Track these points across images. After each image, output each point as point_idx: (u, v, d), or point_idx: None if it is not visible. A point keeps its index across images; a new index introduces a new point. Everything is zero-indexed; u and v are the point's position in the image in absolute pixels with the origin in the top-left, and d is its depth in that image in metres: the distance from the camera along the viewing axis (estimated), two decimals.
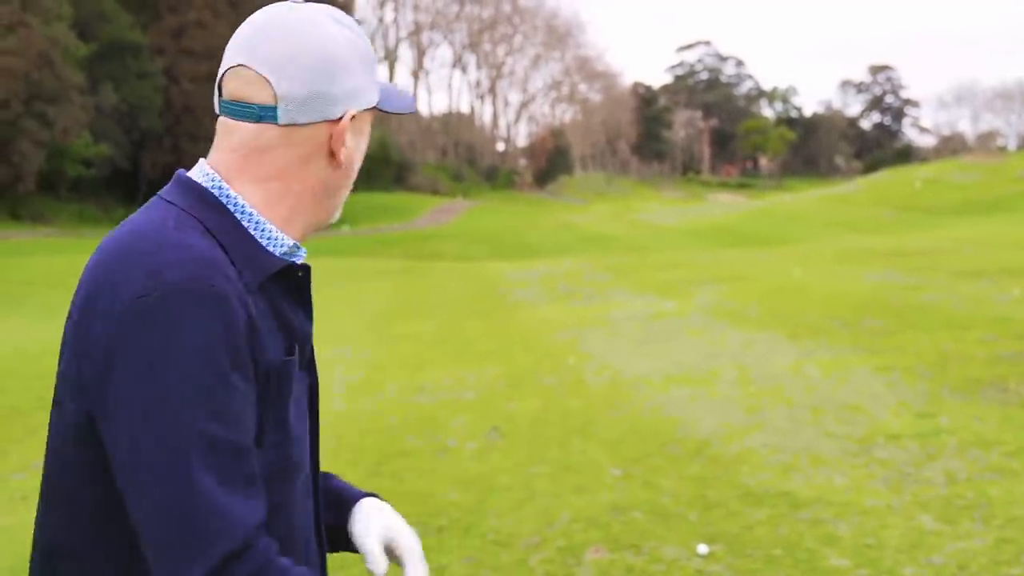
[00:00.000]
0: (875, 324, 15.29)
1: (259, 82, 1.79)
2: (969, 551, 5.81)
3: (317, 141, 1.83)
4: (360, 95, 1.87)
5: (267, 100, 1.79)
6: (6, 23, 56.39)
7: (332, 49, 1.82)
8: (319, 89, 1.79)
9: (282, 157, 1.82)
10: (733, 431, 9.16)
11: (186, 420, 1.55)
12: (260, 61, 1.79)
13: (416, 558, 2.07)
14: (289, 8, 1.86)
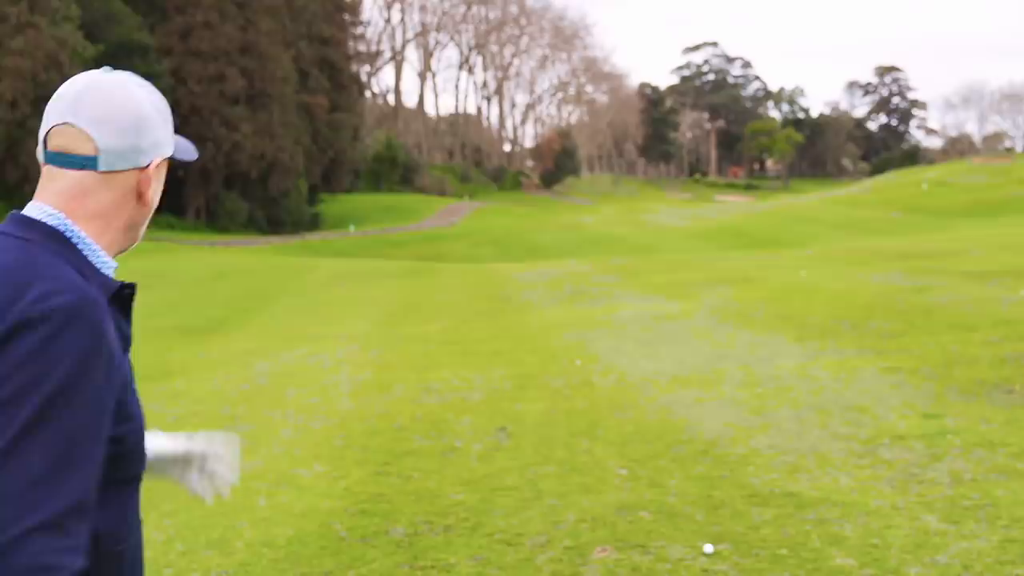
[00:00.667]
0: (881, 326, 15.32)
1: (82, 137, 2.15)
2: (974, 551, 5.84)
3: (129, 185, 2.22)
4: (162, 146, 2.30)
5: (90, 152, 2.16)
6: (14, 24, 56.51)
7: (141, 109, 2.22)
8: (132, 142, 2.19)
9: (103, 199, 2.19)
10: (739, 432, 9.20)
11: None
12: (84, 120, 2.15)
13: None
14: (104, 73, 2.27)
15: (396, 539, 6.66)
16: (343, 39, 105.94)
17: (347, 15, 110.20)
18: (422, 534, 6.75)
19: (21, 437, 1.83)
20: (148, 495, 7.17)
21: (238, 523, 7.23)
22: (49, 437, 1.86)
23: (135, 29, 72.24)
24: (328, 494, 7.91)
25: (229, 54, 78.34)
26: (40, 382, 1.87)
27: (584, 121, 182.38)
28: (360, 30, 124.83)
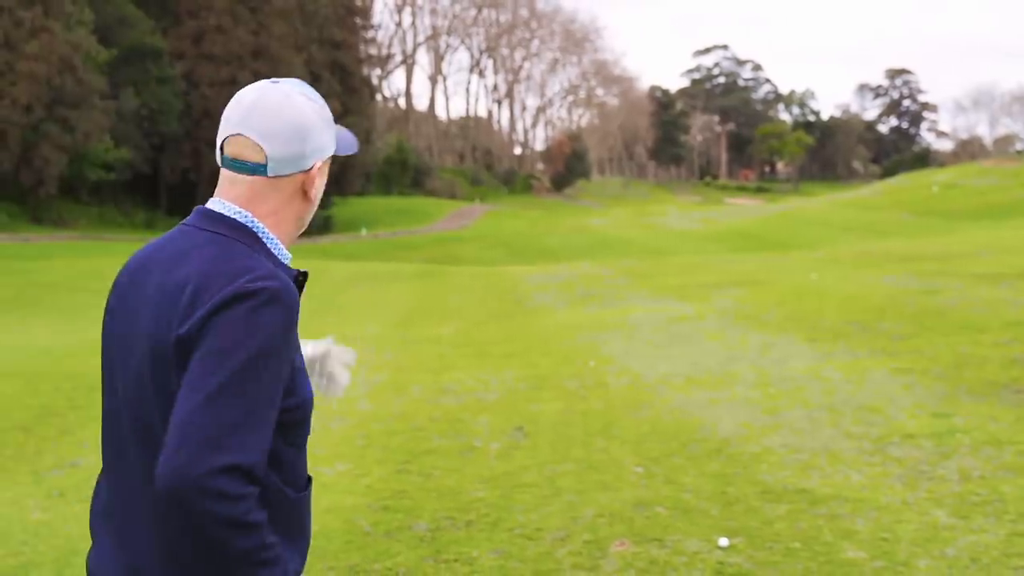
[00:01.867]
0: (893, 327, 15.47)
1: (254, 147, 2.44)
2: (981, 544, 6.01)
3: (295, 186, 2.52)
4: (324, 150, 2.55)
5: (260, 159, 2.45)
6: (28, 28, 56.79)
7: (304, 119, 2.48)
8: (296, 150, 2.47)
9: (273, 199, 2.49)
10: (752, 431, 9.37)
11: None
12: (255, 132, 2.44)
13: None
14: (271, 85, 2.52)
15: (419, 534, 6.85)
16: (354, 43, 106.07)
17: (358, 19, 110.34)
18: (444, 529, 6.93)
19: (226, 386, 2.18)
20: None
21: None
22: (246, 392, 2.19)
23: (148, 33, 72.43)
24: (351, 491, 8.09)
25: (241, 58, 78.53)
26: (247, 343, 2.22)
27: (594, 124, 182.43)
28: (371, 34, 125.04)
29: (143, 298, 2.39)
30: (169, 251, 2.44)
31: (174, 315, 2.28)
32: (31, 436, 11.00)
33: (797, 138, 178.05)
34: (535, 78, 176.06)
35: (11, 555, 6.94)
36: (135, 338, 2.37)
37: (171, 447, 2.13)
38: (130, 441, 2.39)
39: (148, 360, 2.32)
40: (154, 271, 2.41)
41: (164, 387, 2.28)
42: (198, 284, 2.30)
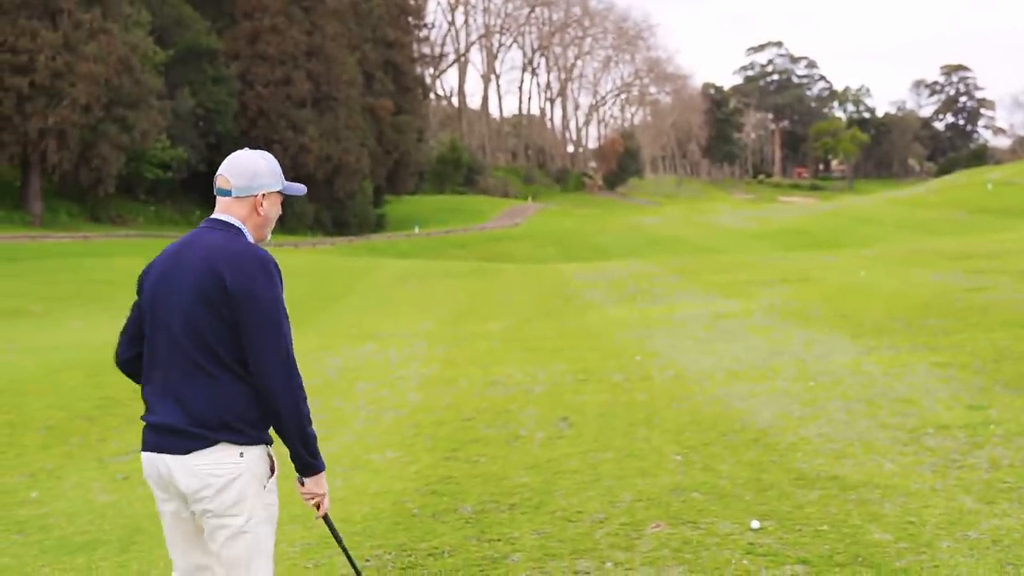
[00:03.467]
0: (936, 323, 15.63)
1: (226, 181, 4.18)
2: (1004, 528, 6.24)
3: (251, 203, 4.19)
4: (269, 185, 4.23)
5: (227, 187, 4.17)
6: (88, 30, 57.61)
7: (255, 169, 4.20)
8: (249, 183, 4.18)
9: (239, 210, 4.18)
10: (790, 422, 9.63)
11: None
12: (229, 173, 4.19)
13: None
14: (243, 152, 4.27)
15: (465, 516, 7.17)
16: (407, 42, 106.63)
17: (411, 18, 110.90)
18: (489, 511, 7.25)
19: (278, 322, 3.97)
20: None
21: None
22: (283, 323, 4.00)
23: (203, 34, 73.17)
24: (400, 476, 8.43)
25: (296, 58, 79.16)
26: (278, 296, 3.97)
27: (647, 122, 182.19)
28: (424, 33, 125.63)
29: (186, 267, 4.00)
30: (195, 241, 4.10)
31: (219, 273, 3.90)
32: (95, 425, 11.45)
33: (852, 135, 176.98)
34: (588, 76, 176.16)
35: (79, 533, 7.33)
36: (184, 290, 3.96)
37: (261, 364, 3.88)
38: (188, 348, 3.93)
39: (202, 302, 3.91)
40: (189, 253, 4.05)
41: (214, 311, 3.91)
42: (231, 258, 3.96)
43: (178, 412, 3.93)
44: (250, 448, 3.93)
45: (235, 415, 3.90)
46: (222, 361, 3.89)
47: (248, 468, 3.92)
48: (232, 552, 3.95)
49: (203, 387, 3.89)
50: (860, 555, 5.91)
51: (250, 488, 3.93)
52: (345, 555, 4.60)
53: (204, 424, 3.88)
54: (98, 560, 6.69)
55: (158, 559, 6.61)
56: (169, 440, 3.95)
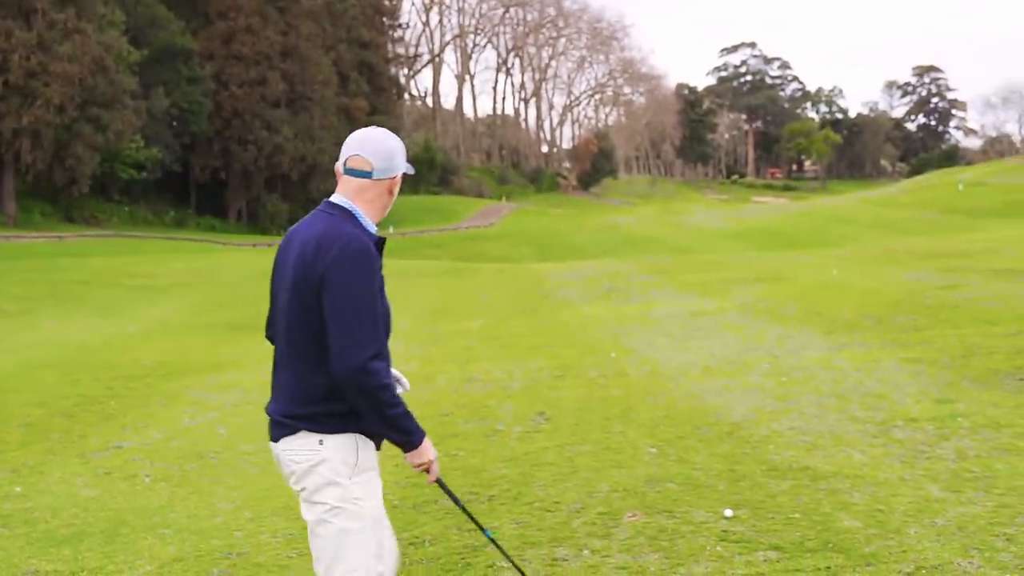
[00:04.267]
0: (906, 320, 15.86)
1: (365, 162, 4.12)
2: (969, 515, 6.43)
3: (385, 186, 4.18)
4: (402, 167, 4.22)
5: (368, 169, 4.12)
6: (62, 30, 57.50)
7: (393, 149, 4.16)
8: (388, 165, 4.15)
9: (372, 192, 4.15)
10: (763, 415, 9.81)
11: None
12: (368, 153, 4.13)
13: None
14: (373, 129, 4.25)
15: (445, 507, 7.30)
16: (382, 42, 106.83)
17: (386, 18, 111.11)
18: (469, 503, 7.38)
19: (365, 308, 3.88)
20: (213, 471, 7.92)
21: None
22: (371, 310, 3.91)
23: (178, 34, 73.15)
24: (380, 469, 8.56)
25: (270, 58, 79.20)
26: (359, 282, 3.89)
27: (621, 122, 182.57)
28: (399, 33, 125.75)
29: (290, 256, 4.06)
30: (305, 227, 4.11)
31: (308, 261, 3.91)
32: (75, 422, 11.53)
33: (825, 136, 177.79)
34: (562, 76, 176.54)
35: (64, 526, 7.45)
36: (287, 277, 4.04)
37: (337, 350, 3.84)
38: (283, 338, 4.09)
39: (294, 289, 3.97)
40: (297, 240, 4.08)
41: (304, 304, 3.94)
42: (323, 242, 3.93)
43: (276, 400, 4.14)
44: (331, 436, 3.97)
45: (316, 404, 3.96)
46: (307, 350, 3.95)
47: (329, 456, 3.97)
48: (318, 541, 4.05)
49: (291, 376, 4.03)
50: (830, 541, 6.09)
51: (332, 476, 3.97)
52: (467, 515, 4.75)
53: (288, 413, 4.01)
54: (84, 551, 6.81)
55: (143, 550, 6.74)
56: (271, 426, 4.14)
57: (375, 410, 3.92)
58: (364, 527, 4.02)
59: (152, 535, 7.08)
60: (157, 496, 8.15)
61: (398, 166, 4.15)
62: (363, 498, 4.04)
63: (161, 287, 33.37)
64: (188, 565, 6.38)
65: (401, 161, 4.17)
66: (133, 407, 12.44)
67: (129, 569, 6.39)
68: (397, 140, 4.18)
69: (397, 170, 4.15)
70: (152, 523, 7.37)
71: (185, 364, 16.22)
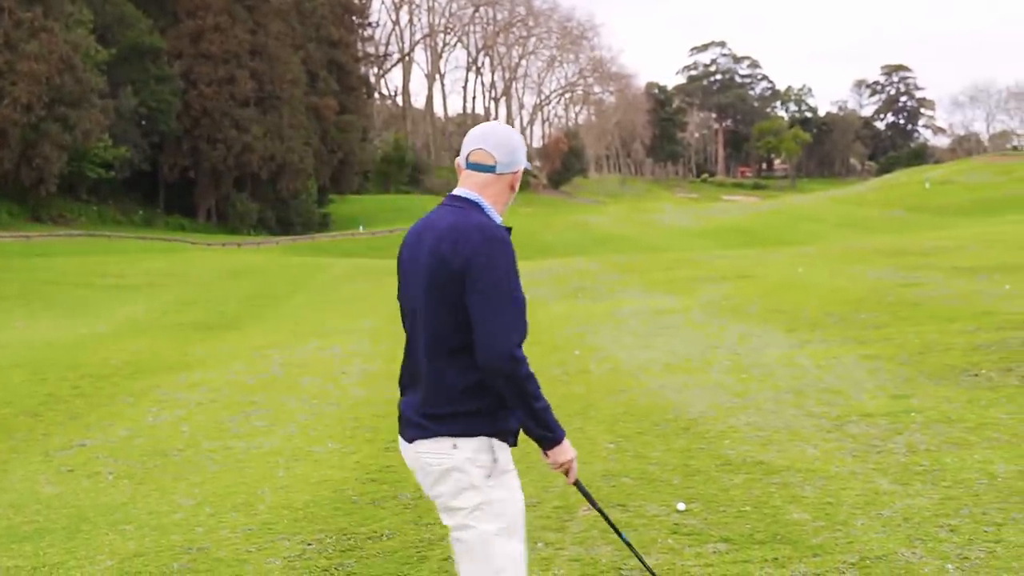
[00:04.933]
0: (868, 318, 16.06)
1: (488, 156, 4.03)
2: (915, 507, 6.57)
3: (507, 181, 4.08)
4: (523, 161, 4.13)
5: (491, 163, 4.03)
6: (28, 29, 57.24)
7: (516, 143, 4.09)
8: (511, 159, 4.06)
9: (495, 188, 4.06)
10: (720, 411, 9.96)
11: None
12: (491, 147, 4.04)
13: None
14: (495, 123, 4.18)
15: (404, 502, 7.41)
16: (352, 41, 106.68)
17: (355, 17, 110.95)
18: (427, 498, 7.49)
19: (509, 294, 3.75)
20: (176, 469, 7.99)
21: (260, 490, 7.99)
22: (515, 296, 3.77)
23: (146, 33, 72.87)
24: (341, 466, 8.67)
25: (239, 57, 79.00)
26: (504, 267, 3.77)
27: (592, 121, 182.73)
28: (368, 32, 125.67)
29: (421, 252, 3.90)
30: (433, 222, 3.97)
31: (446, 254, 3.77)
32: (40, 421, 11.57)
33: (794, 135, 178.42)
34: (532, 76, 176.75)
35: (26, 523, 7.51)
36: (419, 274, 3.88)
37: (486, 338, 3.69)
38: (422, 335, 3.89)
39: (431, 284, 3.81)
40: (426, 235, 3.94)
41: (443, 300, 3.78)
42: (459, 234, 3.80)
43: (411, 397, 4.01)
44: (465, 440, 3.82)
45: (454, 403, 3.80)
46: (446, 351, 3.80)
47: (464, 460, 3.82)
48: (460, 546, 3.91)
49: (429, 372, 3.85)
50: (779, 533, 6.22)
51: (469, 480, 3.83)
52: (603, 517, 4.60)
53: (425, 412, 3.86)
54: (45, 547, 6.87)
55: (104, 545, 6.81)
56: (405, 425, 4.00)
57: (522, 400, 3.78)
58: (506, 528, 3.86)
59: (113, 531, 7.14)
60: (119, 493, 8.21)
61: (520, 160, 4.09)
62: (505, 500, 3.88)
63: (131, 286, 33.35)
64: (148, 560, 6.45)
65: (522, 156, 4.12)
66: (99, 406, 12.48)
67: (90, 564, 6.46)
68: (519, 135, 4.15)
69: (519, 164, 4.09)
70: (113, 519, 7.44)
71: (153, 363, 16.25)
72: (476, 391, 3.78)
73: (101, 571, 6.31)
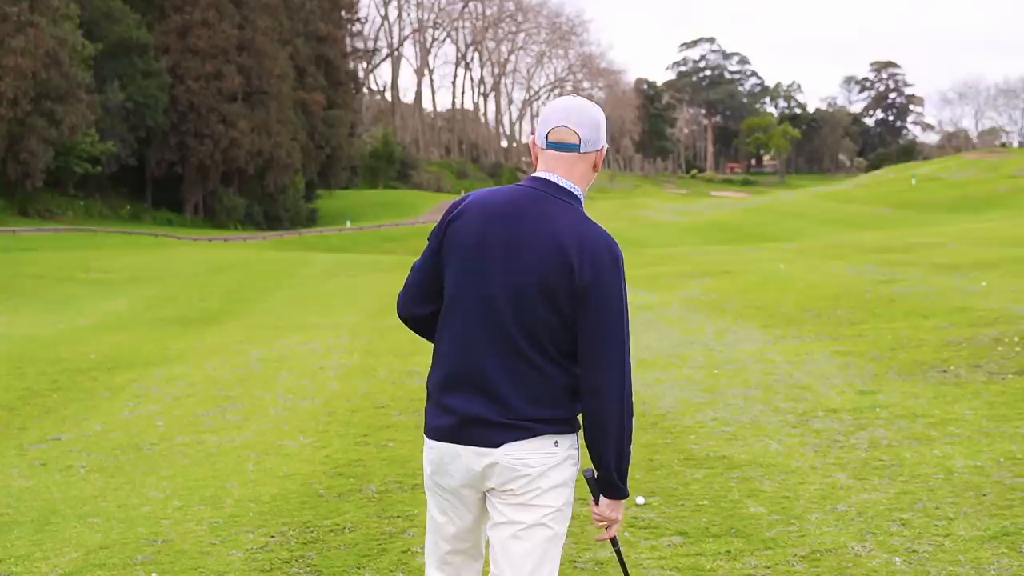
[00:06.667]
0: (843, 314, 16.18)
1: (572, 134, 3.64)
2: (871, 501, 6.68)
3: (592, 160, 3.69)
4: (605, 139, 3.75)
5: (575, 142, 3.64)
6: (15, 23, 57.18)
7: (600, 119, 3.71)
8: (596, 136, 3.68)
9: (581, 167, 3.67)
10: (689, 407, 10.07)
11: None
12: (574, 124, 3.65)
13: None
14: (578, 97, 3.77)
15: (369, 495, 7.49)
16: (340, 36, 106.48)
17: (344, 12, 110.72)
18: (392, 491, 7.58)
19: (626, 322, 3.53)
20: (148, 462, 8.06)
21: (228, 484, 8.06)
22: (628, 322, 3.54)
23: (134, 27, 72.69)
24: (310, 460, 8.75)
25: (227, 52, 78.87)
26: (624, 290, 3.52)
27: None
28: (357, 27, 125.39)
29: (528, 243, 3.51)
30: (535, 209, 3.57)
31: (567, 262, 3.44)
32: (16, 415, 11.63)
33: (783, 131, 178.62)
34: (521, 71, 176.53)
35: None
36: (522, 270, 3.50)
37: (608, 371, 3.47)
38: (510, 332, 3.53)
39: (538, 287, 3.47)
40: (531, 226, 3.53)
41: (553, 304, 3.47)
42: (586, 245, 3.48)
43: (478, 401, 3.59)
44: (565, 437, 3.59)
45: (559, 407, 3.54)
46: (552, 355, 3.52)
47: (565, 457, 3.59)
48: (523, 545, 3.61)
49: (526, 374, 3.52)
50: (734, 527, 6.32)
51: (566, 478, 3.62)
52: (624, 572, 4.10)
53: (523, 415, 3.52)
54: (13, 540, 6.93)
55: (71, 538, 6.88)
56: (480, 430, 3.57)
57: (619, 436, 3.58)
58: (564, 533, 3.69)
59: (81, 524, 7.21)
60: (90, 486, 8.28)
61: (603, 137, 3.74)
62: (571, 503, 3.71)
63: (114, 281, 33.40)
64: (113, 552, 6.52)
65: (605, 133, 3.77)
66: (75, 400, 12.55)
67: (56, 556, 6.53)
68: (600, 109, 3.80)
69: (603, 142, 3.73)
70: (82, 512, 7.50)
71: (132, 358, 16.31)
72: (575, 393, 3.55)
73: (67, 563, 6.38)
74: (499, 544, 3.60)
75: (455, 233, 3.66)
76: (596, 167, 3.72)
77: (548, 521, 3.56)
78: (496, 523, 3.62)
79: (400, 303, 3.95)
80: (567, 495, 3.61)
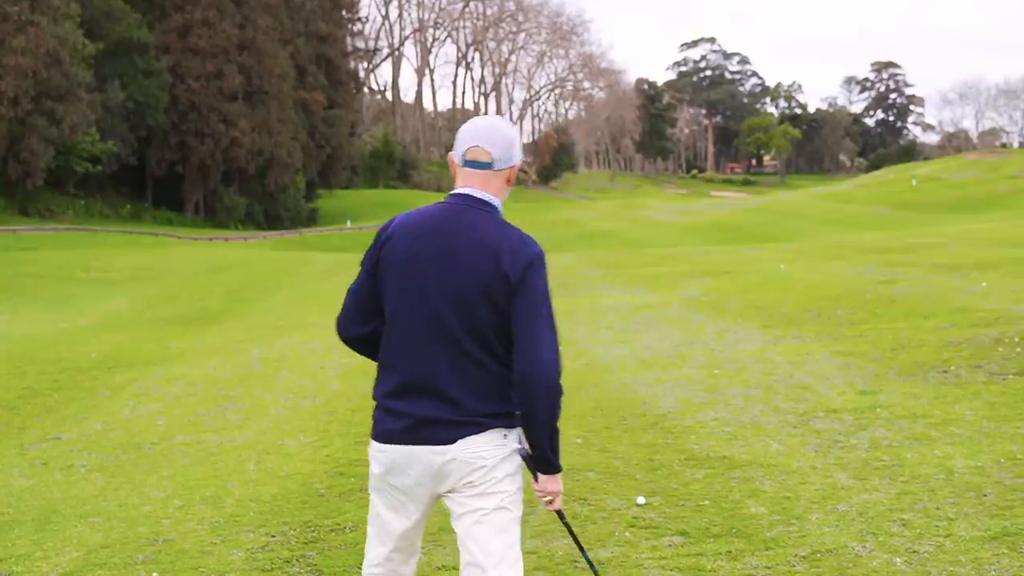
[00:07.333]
0: (844, 314, 16.16)
1: (485, 153, 3.91)
2: (871, 501, 6.68)
3: (505, 175, 3.96)
4: (519, 155, 4.02)
5: (488, 160, 3.91)
6: (15, 23, 57.17)
7: (513, 137, 3.98)
8: (508, 154, 3.94)
9: (495, 182, 3.95)
10: (689, 406, 10.07)
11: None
12: (487, 143, 3.92)
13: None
14: (497, 119, 4.06)
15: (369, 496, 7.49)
16: (340, 36, 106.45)
17: (344, 12, 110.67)
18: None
19: (551, 311, 3.80)
20: (148, 462, 8.06)
21: (229, 484, 8.07)
22: (553, 314, 3.81)
23: (134, 27, 72.63)
24: (311, 460, 8.75)
25: (227, 51, 78.84)
26: (547, 286, 3.82)
27: (582, 117, 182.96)
28: (358, 27, 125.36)
29: (460, 250, 3.80)
30: (461, 219, 3.87)
31: (498, 266, 3.74)
32: (16, 414, 11.63)
33: (784, 131, 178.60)
34: (522, 71, 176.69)
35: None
36: (459, 276, 3.78)
37: (536, 353, 3.71)
38: (455, 335, 3.79)
39: (476, 290, 3.76)
40: (462, 236, 3.82)
41: (492, 303, 3.75)
42: (510, 247, 3.78)
43: (428, 403, 3.85)
44: (512, 430, 3.90)
45: (506, 401, 3.83)
46: (498, 353, 3.80)
47: (513, 449, 3.92)
48: (485, 528, 3.92)
49: (472, 374, 3.81)
50: (735, 527, 6.33)
51: (516, 467, 3.96)
52: (579, 549, 4.47)
53: (474, 411, 3.81)
54: (14, 539, 6.94)
55: (72, 537, 6.88)
56: (433, 429, 3.83)
57: (550, 417, 3.84)
58: (521, 514, 4.03)
59: (82, 523, 7.21)
60: (91, 485, 8.28)
61: (516, 155, 4.01)
62: (523, 487, 4.03)
63: (115, 281, 33.39)
64: (114, 551, 6.53)
65: (519, 150, 4.04)
66: (76, 399, 12.55)
67: (56, 555, 6.53)
68: (513, 128, 4.09)
69: (516, 159, 4.00)
70: (83, 511, 7.51)
71: (133, 357, 16.31)
72: (509, 389, 3.82)
73: (68, 562, 6.39)
74: (465, 532, 3.90)
75: (389, 252, 3.95)
76: (510, 181, 4.02)
77: (507, 504, 3.90)
78: (459, 515, 3.91)
79: (340, 325, 4.24)
80: (519, 480, 3.97)
